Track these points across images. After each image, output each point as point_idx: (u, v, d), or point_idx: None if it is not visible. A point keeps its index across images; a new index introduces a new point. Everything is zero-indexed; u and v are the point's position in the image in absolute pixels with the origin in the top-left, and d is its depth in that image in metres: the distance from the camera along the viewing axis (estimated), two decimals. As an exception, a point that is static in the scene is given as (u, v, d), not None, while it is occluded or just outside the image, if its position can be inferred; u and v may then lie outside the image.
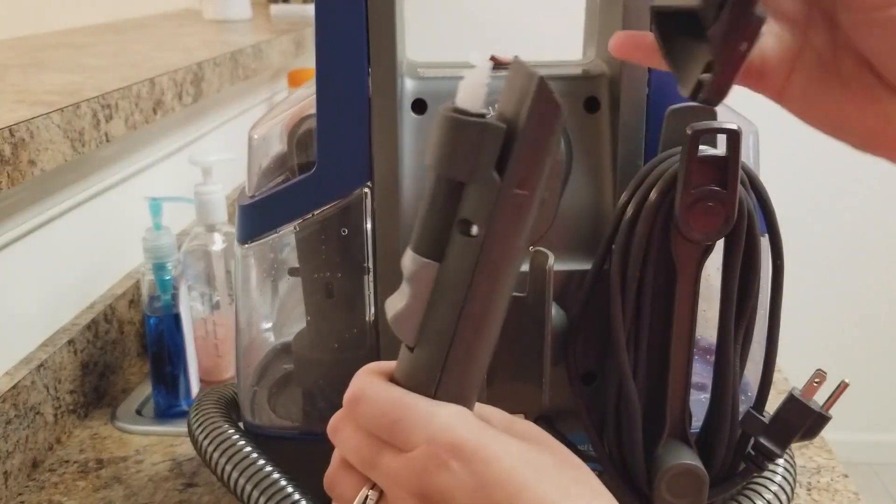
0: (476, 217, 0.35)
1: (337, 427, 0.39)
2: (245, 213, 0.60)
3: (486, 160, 0.34)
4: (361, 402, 0.38)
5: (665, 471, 0.55)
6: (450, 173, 0.35)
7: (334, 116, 0.56)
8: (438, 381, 0.37)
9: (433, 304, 0.37)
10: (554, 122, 0.34)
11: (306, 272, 0.60)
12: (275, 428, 0.64)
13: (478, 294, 0.36)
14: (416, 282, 0.37)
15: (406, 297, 0.37)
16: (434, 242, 0.36)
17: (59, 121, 0.74)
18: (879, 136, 0.37)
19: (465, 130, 0.34)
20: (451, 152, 0.35)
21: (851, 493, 0.71)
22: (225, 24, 1.63)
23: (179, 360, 0.84)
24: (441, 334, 0.37)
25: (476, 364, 0.38)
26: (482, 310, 0.36)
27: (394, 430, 0.36)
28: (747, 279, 0.55)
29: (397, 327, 0.38)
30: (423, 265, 0.36)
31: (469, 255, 0.35)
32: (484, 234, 0.35)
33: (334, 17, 0.54)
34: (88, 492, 0.72)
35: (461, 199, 0.35)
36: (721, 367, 0.56)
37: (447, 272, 0.36)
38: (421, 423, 0.36)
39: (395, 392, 0.37)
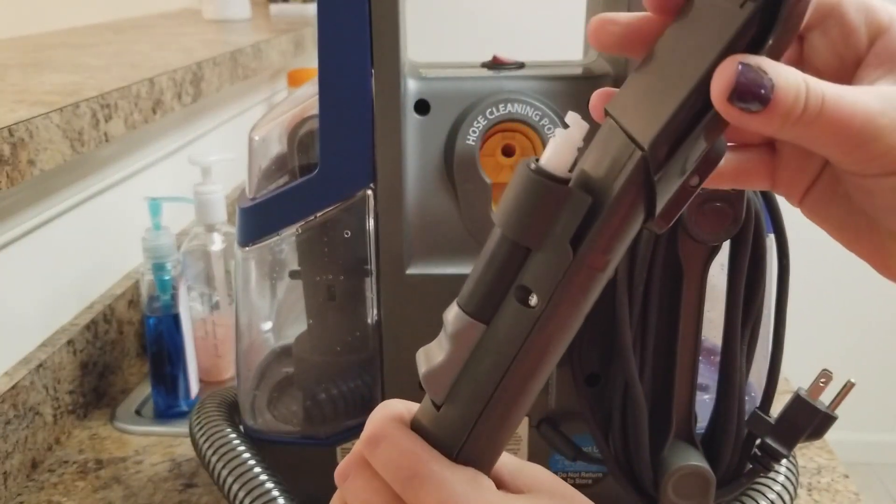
0: (538, 288, 0.32)
1: (348, 474, 0.37)
2: (246, 215, 0.60)
3: (562, 231, 0.31)
4: (382, 445, 0.36)
5: (672, 472, 0.55)
6: (518, 237, 0.32)
7: (337, 118, 0.56)
8: (462, 444, 0.35)
9: (471, 367, 0.34)
10: (644, 202, 0.31)
11: (308, 275, 0.60)
12: (274, 432, 0.64)
13: (522, 367, 0.33)
14: (458, 340, 0.34)
15: (443, 354, 0.35)
16: (485, 303, 0.34)
17: (59, 121, 0.74)
18: (882, 264, 0.36)
19: (546, 196, 0.31)
20: (525, 216, 0.32)
21: (852, 493, 0.71)
22: (224, 24, 1.63)
23: (179, 360, 0.84)
24: (474, 400, 0.34)
25: (504, 434, 0.35)
26: (523, 383, 0.34)
27: (407, 487, 0.35)
28: (754, 280, 0.55)
29: (428, 383, 0.35)
30: (469, 325, 0.34)
31: (522, 325, 0.33)
32: (543, 307, 0.32)
33: (337, 17, 0.54)
34: (88, 492, 0.72)
35: (524, 265, 0.33)
36: (727, 368, 0.56)
37: (494, 337, 0.34)
38: (435, 484, 0.34)
39: (417, 447, 0.36)
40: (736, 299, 0.54)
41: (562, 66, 0.62)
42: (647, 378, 0.56)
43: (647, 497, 0.57)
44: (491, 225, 0.57)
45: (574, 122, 0.32)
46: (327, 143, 0.56)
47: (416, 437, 0.36)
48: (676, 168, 0.31)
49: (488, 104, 0.56)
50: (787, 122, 0.29)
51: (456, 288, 0.36)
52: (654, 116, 0.30)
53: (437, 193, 0.57)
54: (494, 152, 0.57)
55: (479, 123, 0.56)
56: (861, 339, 2.30)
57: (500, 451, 0.36)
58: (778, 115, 0.29)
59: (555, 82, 0.58)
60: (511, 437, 0.36)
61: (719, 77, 0.28)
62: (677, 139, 0.30)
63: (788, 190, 0.37)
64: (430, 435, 0.36)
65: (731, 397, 0.56)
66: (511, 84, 0.58)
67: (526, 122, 0.56)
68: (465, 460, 0.35)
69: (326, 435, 0.63)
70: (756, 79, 0.28)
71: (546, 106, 0.57)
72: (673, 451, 0.56)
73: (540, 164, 0.32)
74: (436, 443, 0.36)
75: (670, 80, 0.30)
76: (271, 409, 0.65)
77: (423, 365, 0.36)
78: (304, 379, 0.62)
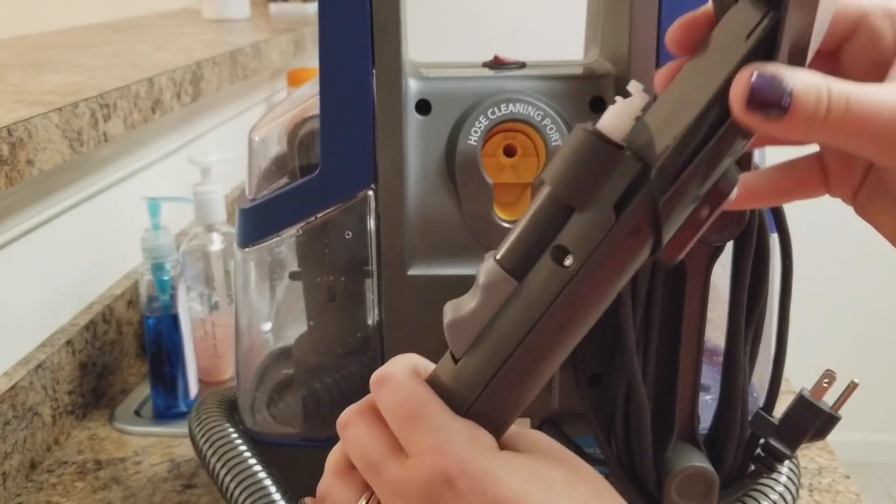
0: (575, 248, 0.32)
1: (349, 420, 0.37)
2: (246, 216, 0.60)
3: (608, 194, 0.32)
4: (386, 385, 0.36)
5: (675, 473, 0.55)
6: (564, 194, 0.33)
7: (338, 118, 0.55)
8: (475, 400, 0.35)
9: (496, 322, 0.34)
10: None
11: (308, 276, 0.60)
12: (275, 434, 0.64)
13: (547, 328, 0.33)
14: (488, 293, 0.34)
15: (472, 305, 0.35)
16: (521, 259, 0.34)
17: (58, 120, 0.74)
18: None
19: (598, 156, 0.32)
20: (575, 174, 0.32)
21: (853, 493, 0.71)
22: (224, 24, 1.63)
23: (178, 360, 0.83)
24: (494, 355, 0.34)
25: (518, 397, 0.35)
26: (545, 345, 0.34)
27: (405, 426, 0.35)
28: (757, 280, 0.54)
29: (452, 332, 0.35)
30: (502, 279, 0.34)
31: (554, 285, 0.33)
32: (577, 268, 0.32)
33: (337, 17, 0.54)
34: (87, 493, 0.72)
35: (565, 225, 0.33)
36: (730, 369, 0.56)
37: (524, 294, 0.34)
38: (433, 428, 0.34)
39: (421, 389, 0.36)
40: (740, 299, 0.54)
41: (563, 66, 0.62)
42: (650, 378, 0.55)
43: (649, 498, 0.57)
44: (492, 225, 0.57)
45: (636, 90, 0.32)
46: (328, 143, 0.56)
47: (423, 383, 0.36)
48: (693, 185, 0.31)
49: (490, 104, 0.56)
50: (811, 125, 0.30)
51: (458, 289, 0.36)
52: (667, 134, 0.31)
53: (438, 194, 0.57)
54: (496, 152, 0.57)
55: (480, 123, 0.56)
56: (860, 339, 2.30)
57: (511, 417, 0.36)
58: (801, 119, 0.29)
59: (556, 82, 0.58)
60: (524, 405, 0.36)
61: (736, 86, 0.30)
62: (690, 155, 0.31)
63: (842, 190, 0.38)
64: (443, 389, 0.36)
65: (734, 398, 0.56)
66: (513, 84, 0.58)
67: (528, 122, 0.56)
68: (476, 419, 0.35)
69: (327, 436, 0.62)
70: (772, 84, 0.29)
71: (548, 106, 0.56)
72: (676, 451, 0.56)
73: (597, 125, 0.32)
74: (448, 397, 0.35)
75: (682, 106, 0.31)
76: (271, 411, 0.64)
77: (449, 314, 0.36)
78: (304, 380, 0.62)
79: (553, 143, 0.56)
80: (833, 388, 0.56)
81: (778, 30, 0.29)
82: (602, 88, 0.58)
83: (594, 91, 0.58)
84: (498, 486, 0.33)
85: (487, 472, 0.33)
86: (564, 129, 0.56)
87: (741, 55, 0.30)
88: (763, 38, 0.29)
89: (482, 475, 0.33)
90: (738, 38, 0.30)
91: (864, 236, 2.46)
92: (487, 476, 0.33)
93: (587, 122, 0.33)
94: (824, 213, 2.18)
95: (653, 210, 0.31)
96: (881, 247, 1.73)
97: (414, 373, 0.37)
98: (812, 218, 2.17)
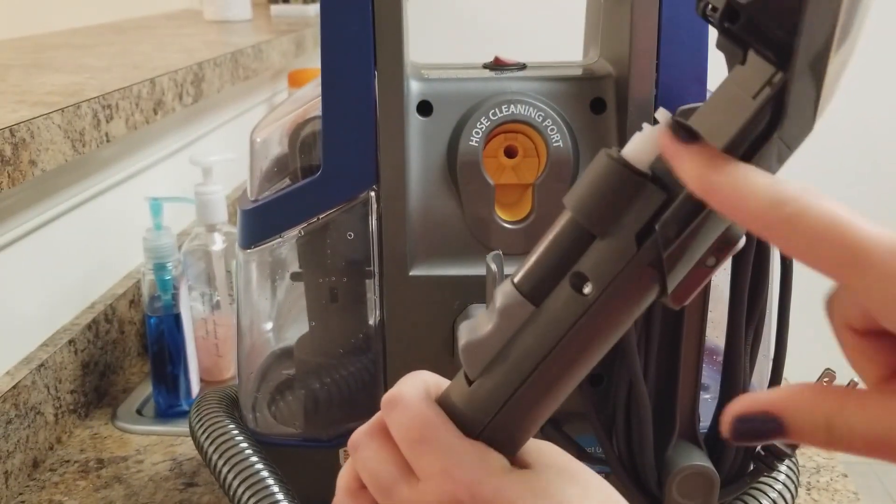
0: (594, 276, 0.32)
1: (361, 441, 0.37)
2: (248, 217, 0.60)
3: (630, 223, 0.31)
4: (398, 408, 0.36)
5: (677, 472, 0.55)
6: (586, 221, 0.32)
7: (340, 119, 0.55)
8: (488, 423, 0.35)
9: (513, 346, 0.34)
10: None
11: (310, 277, 0.60)
12: (276, 434, 0.64)
13: (564, 354, 0.33)
14: (505, 317, 0.34)
15: (487, 328, 0.35)
16: (539, 284, 0.34)
17: (60, 121, 0.74)
18: None
19: (622, 184, 0.31)
20: (597, 201, 0.32)
21: (851, 492, 0.71)
22: (225, 25, 1.63)
23: (180, 359, 0.84)
24: (509, 379, 0.34)
25: (531, 421, 0.35)
26: (561, 371, 0.34)
27: (414, 449, 0.35)
28: (758, 279, 0.55)
29: (467, 355, 0.35)
30: (519, 303, 0.34)
31: (571, 312, 0.33)
32: (595, 297, 0.32)
33: (340, 18, 0.54)
34: (89, 491, 0.72)
35: (585, 251, 0.33)
36: (731, 368, 0.56)
37: (541, 320, 0.33)
38: (443, 451, 0.34)
39: (432, 412, 0.35)
40: (740, 299, 0.55)
41: (564, 67, 0.62)
42: (651, 378, 0.56)
43: (650, 497, 0.57)
44: (494, 226, 0.58)
45: (663, 118, 0.32)
46: (330, 144, 0.56)
47: (434, 405, 0.36)
48: None
49: (491, 105, 0.56)
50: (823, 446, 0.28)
51: (459, 289, 0.36)
52: None
53: (440, 195, 0.57)
54: (497, 153, 0.57)
55: (482, 125, 0.56)
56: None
57: (524, 439, 0.36)
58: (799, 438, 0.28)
59: (557, 83, 0.58)
60: (537, 427, 0.36)
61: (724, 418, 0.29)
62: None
63: None
64: (455, 411, 0.36)
65: (734, 397, 0.56)
66: (514, 85, 0.58)
67: (529, 124, 0.56)
68: (489, 441, 0.35)
69: (328, 437, 0.63)
70: (760, 426, 0.29)
71: (549, 107, 0.57)
72: (677, 451, 0.56)
73: (622, 153, 0.32)
74: (460, 419, 0.35)
75: None
76: (272, 411, 0.64)
77: (464, 336, 0.36)
78: (305, 381, 0.62)
79: (554, 143, 0.56)
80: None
81: (785, 92, 0.28)
82: (603, 89, 0.59)
83: (595, 92, 0.59)
84: None
85: (498, 494, 0.33)
86: (565, 130, 0.57)
87: (749, 115, 0.29)
88: (770, 98, 0.29)
89: (492, 498, 0.33)
90: (746, 94, 0.29)
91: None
92: (498, 498, 0.33)
93: (612, 147, 0.33)
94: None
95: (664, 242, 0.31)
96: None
97: (425, 394, 0.37)
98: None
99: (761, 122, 0.29)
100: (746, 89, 0.29)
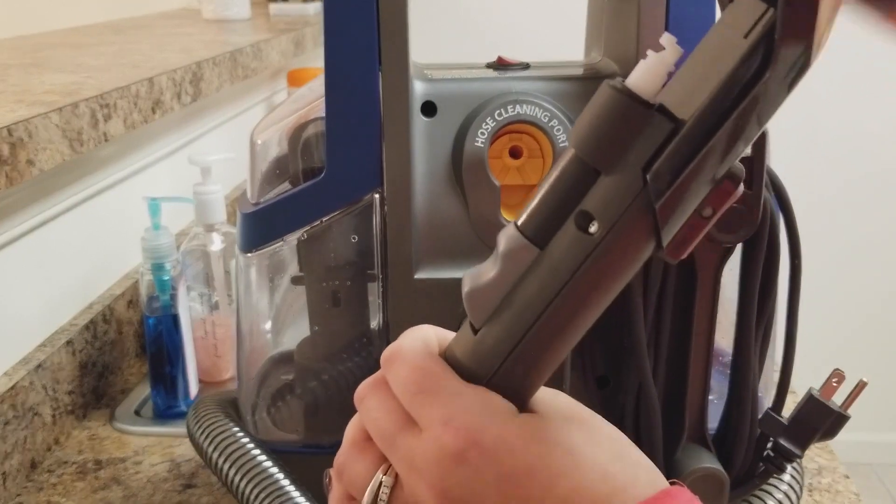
0: (600, 215, 0.30)
1: (365, 394, 0.37)
2: (248, 220, 0.59)
3: (637, 156, 0.30)
4: (395, 362, 0.35)
5: (686, 474, 0.55)
6: (590, 157, 0.31)
7: (344, 120, 0.55)
8: (496, 371, 0.33)
9: (518, 291, 0.33)
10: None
11: (312, 281, 0.59)
12: (277, 441, 0.63)
13: (571, 297, 0.32)
14: (509, 262, 0.33)
15: (492, 274, 0.33)
16: (543, 226, 0.32)
17: (58, 120, 0.74)
18: None
19: (628, 116, 0.30)
20: (602, 134, 0.30)
21: (853, 493, 0.71)
22: (224, 24, 1.62)
23: (178, 360, 0.83)
24: (515, 325, 0.33)
25: (541, 369, 0.34)
26: (568, 315, 0.32)
27: (414, 402, 0.34)
28: (767, 280, 0.54)
29: (471, 302, 0.34)
30: (523, 246, 0.32)
31: (577, 253, 0.31)
32: (602, 236, 0.31)
33: (344, 19, 0.53)
34: (87, 493, 0.72)
35: (590, 189, 0.31)
36: (741, 369, 0.56)
37: (546, 263, 0.32)
38: (442, 400, 0.33)
39: (431, 362, 0.35)
40: (750, 300, 0.54)
41: (567, 67, 0.62)
42: (660, 380, 0.55)
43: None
44: (500, 228, 0.57)
45: (669, 44, 0.30)
46: (334, 146, 0.55)
47: (433, 356, 0.35)
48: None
49: (497, 105, 0.55)
50: None
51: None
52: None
53: (445, 196, 0.57)
54: (502, 154, 0.57)
55: (487, 125, 0.55)
56: (860, 339, 2.30)
57: (534, 388, 0.35)
58: None
59: (562, 83, 0.58)
60: (547, 375, 0.34)
61: None
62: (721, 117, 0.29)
63: None
64: (460, 362, 0.35)
65: (744, 398, 0.56)
66: (518, 85, 0.57)
67: (535, 124, 0.56)
68: (496, 389, 0.34)
69: (330, 443, 0.62)
70: None
71: (554, 107, 0.56)
72: (686, 453, 0.56)
73: (626, 83, 0.31)
74: (466, 370, 0.34)
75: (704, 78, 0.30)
76: (273, 418, 0.64)
77: (468, 283, 0.34)
78: (307, 386, 0.62)
79: (560, 144, 0.56)
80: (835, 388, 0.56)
81: (775, 28, 0.28)
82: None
83: (599, 92, 0.58)
84: (513, 456, 0.32)
85: (501, 441, 0.32)
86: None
87: (740, 55, 0.28)
88: (762, 36, 0.28)
89: (495, 446, 0.32)
90: (738, 34, 0.29)
91: (866, 236, 2.47)
92: (501, 446, 0.32)
93: (616, 77, 0.31)
94: (827, 214, 2.19)
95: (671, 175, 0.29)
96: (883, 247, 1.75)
97: (424, 346, 0.36)
98: (817, 218, 2.17)
99: (755, 61, 0.28)
100: (738, 29, 0.28)
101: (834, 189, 2.18)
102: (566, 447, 0.33)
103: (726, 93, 0.29)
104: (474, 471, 0.32)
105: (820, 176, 2.15)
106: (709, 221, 0.31)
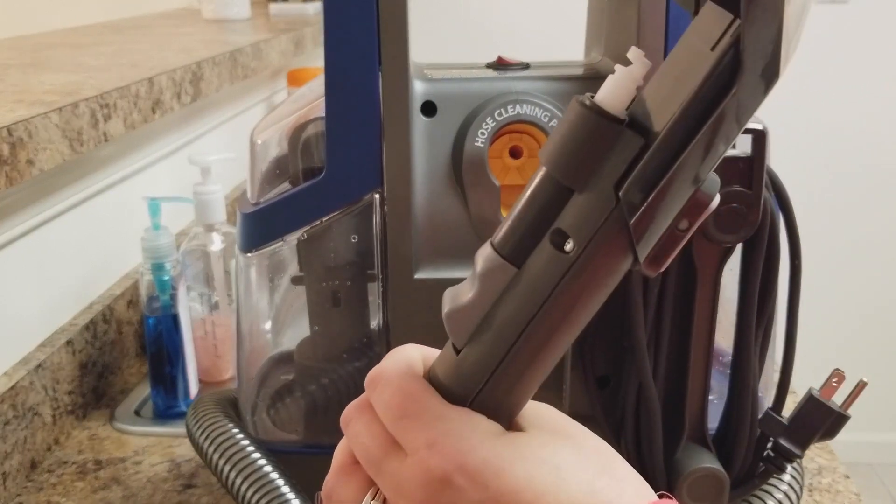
0: (575, 233, 0.30)
1: (351, 417, 0.37)
2: (248, 220, 0.59)
3: (609, 173, 0.30)
4: (379, 385, 0.35)
5: (687, 475, 0.55)
6: (562, 175, 0.31)
7: (344, 120, 0.55)
8: (479, 391, 0.33)
9: (497, 311, 0.33)
10: None
11: (312, 281, 0.59)
12: (278, 441, 0.63)
13: (551, 316, 0.32)
14: (487, 281, 0.33)
15: (470, 294, 0.33)
16: (519, 245, 0.32)
17: (58, 120, 0.74)
18: None
19: (597, 133, 0.30)
20: (572, 152, 0.30)
21: (853, 493, 0.71)
22: (224, 24, 1.62)
23: (178, 360, 0.83)
24: (496, 345, 0.33)
25: (524, 387, 0.34)
26: (549, 333, 0.32)
27: (398, 427, 0.34)
28: (767, 280, 0.54)
29: (451, 323, 0.34)
30: (499, 266, 0.32)
31: (554, 272, 0.31)
32: (578, 253, 0.30)
33: (344, 19, 0.53)
34: (87, 493, 0.72)
35: (564, 207, 0.31)
36: (740, 369, 0.56)
37: (524, 282, 0.32)
38: (426, 423, 0.33)
39: (414, 384, 0.34)
40: (750, 300, 0.54)
41: (567, 67, 0.62)
42: (661, 380, 0.55)
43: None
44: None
45: (636, 58, 0.30)
46: (334, 146, 0.55)
47: (416, 377, 0.35)
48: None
49: (497, 105, 0.55)
50: None
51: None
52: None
53: (445, 196, 0.57)
54: (502, 154, 0.57)
55: (487, 125, 0.55)
56: (860, 339, 2.30)
57: (517, 407, 0.35)
58: None
59: (562, 83, 0.58)
60: (530, 394, 0.34)
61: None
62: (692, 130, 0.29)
63: None
64: (443, 383, 0.34)
65: (744, 398, 0.56)
66: (518, 85, 0.57)
67: (535, 124, 0.56)
68: (480, 409, 0.34)
69: (330, 443, 0.62)
70: None
71: (554, 107, 0.56)
72: (686, 453, 0.56)
73: (595, 99, 0.30)
74: (449, 391, 0.34)
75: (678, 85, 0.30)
76: (273, 418, 0.64)
77: (447, 304, 0.34)
78: (306, 386, 0.62)
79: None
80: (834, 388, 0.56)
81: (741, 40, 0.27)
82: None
83: (599, 91, 0.58)
84: (499, 478, 0.32)
85: (486, 463, 0.32)
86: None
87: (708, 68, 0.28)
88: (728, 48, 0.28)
89: (480, 468, 0.32)
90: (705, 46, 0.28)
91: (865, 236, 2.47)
92: (486, 468, 0.32)
93: (585, 93, 0.31)
94: (827, 214, 2.19)
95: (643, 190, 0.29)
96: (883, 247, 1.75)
97: (406, 368, 0.36)
98: (817, 218, 2.17)
99: (723, 74, 0.28)
100: (705, 41, 0.28)
101: (834, 189, 2.18)
102: (552, 464, 0.33)
103: (695, 107, 0.29)
104: (461, 494, 0.32)
105: (820, 176, 2.15)
106: (685, 234, 0.31)
